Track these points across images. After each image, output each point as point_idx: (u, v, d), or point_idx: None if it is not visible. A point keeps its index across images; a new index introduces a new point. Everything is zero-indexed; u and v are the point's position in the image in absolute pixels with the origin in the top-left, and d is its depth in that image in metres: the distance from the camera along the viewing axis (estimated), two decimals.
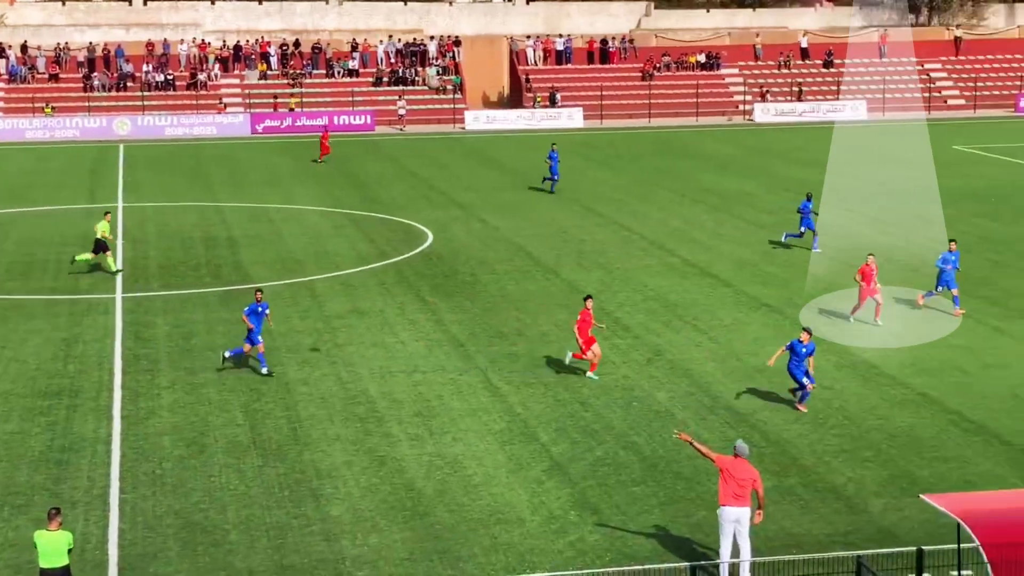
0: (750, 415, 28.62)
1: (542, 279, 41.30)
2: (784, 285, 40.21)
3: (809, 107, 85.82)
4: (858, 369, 31.75)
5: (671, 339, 34.53)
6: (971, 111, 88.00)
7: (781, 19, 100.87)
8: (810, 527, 22.91)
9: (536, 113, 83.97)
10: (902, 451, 26.40)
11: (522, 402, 29.69)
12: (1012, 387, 30.13)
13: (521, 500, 24.24)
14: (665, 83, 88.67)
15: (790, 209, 52.69)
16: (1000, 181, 59.19)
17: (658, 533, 22.73)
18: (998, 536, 16.92)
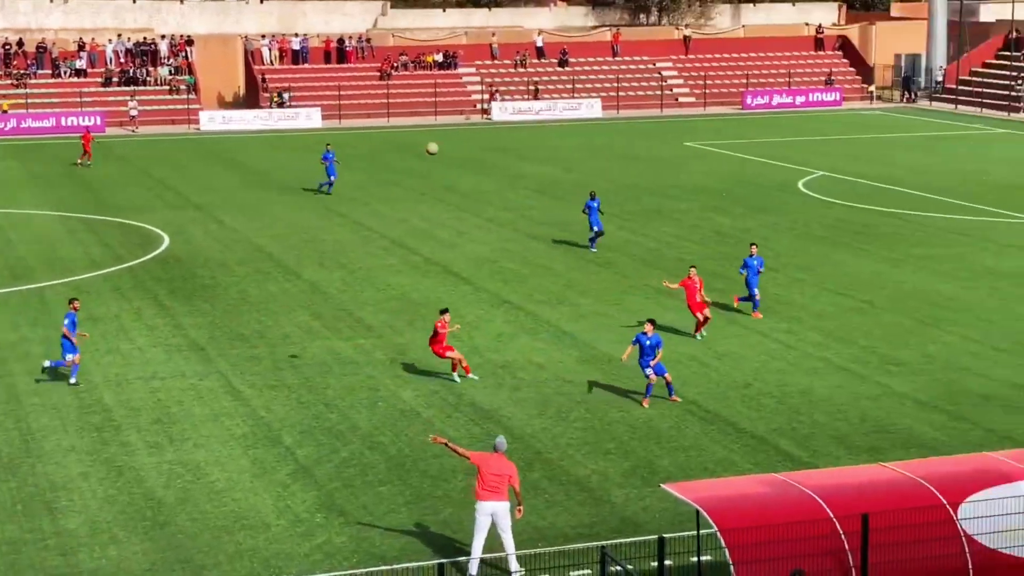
0: (494, 411, 28.81)
1: (283, 280, 40.85)
2: (524, 281, 40.63)
3: (546, 105, 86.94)
4: (599, 362, 32.26)
5: (414, 338, 34.52)
6: (701, 108, 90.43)
7: (516, 19, 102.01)
8: (555, 520, 23.16)
9: (273, 113, 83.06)
10: (643, 442, 26.92)
11: (265, 405, 29.30)
12: (745, 376, 31.04)
13: (266, 504, 23.90)
14: (403, 82, 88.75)
15: (529, 206, 53.32)
16: (730, 176, 60.96)
17: (406, 532, 22.68)
18: (734, 521, 17.39)
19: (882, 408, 28.77)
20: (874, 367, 31.68)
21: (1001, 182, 58.40)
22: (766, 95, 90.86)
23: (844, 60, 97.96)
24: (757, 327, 35.12)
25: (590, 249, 44.62)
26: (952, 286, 39.31)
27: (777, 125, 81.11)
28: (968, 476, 18.54)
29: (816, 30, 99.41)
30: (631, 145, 72.49)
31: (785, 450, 26.36)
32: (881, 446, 26.45)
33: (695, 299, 33.73)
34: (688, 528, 21.29)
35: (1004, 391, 29.79)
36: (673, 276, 40.36)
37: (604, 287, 39.70)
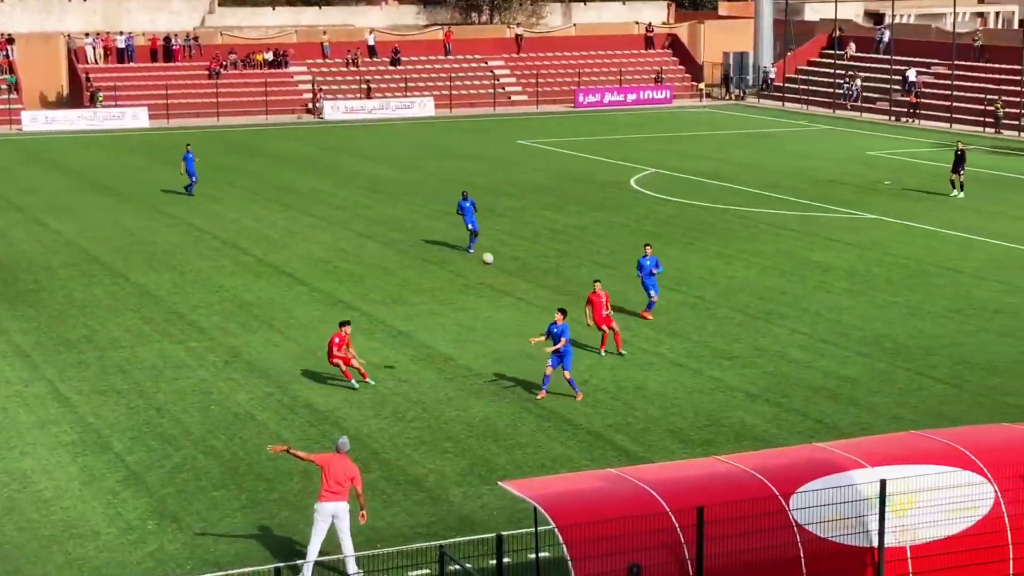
0: (331, 412, 28.59)
1: (111, 284, 40.05)
2: (359, 281, 40.41)
3: (378, 104, 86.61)
4: (434, 362, 32.21)
5: (248, 339, 34.12)
6: (534, 106, 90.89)
7: (347, 17, 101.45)
8: (392, 520, 23.05)
9: (99, 113, 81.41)
10: (480, 440, 26.94)
11: (94, 411, 28.69)
12: (580, 372, 31.20)
13: (96, 512, 23.39)
14: (233, 81, 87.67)
15: (363, 206, 53.06)
16: (563, 173, 61.34)
17: (241, 537, 22.38)
18: (571, 517, 17.46)
19: (715, 402, 29.18)
20: (707, 361, 32.13)
21: (825, 177, 59.67)
22: (598, 93, 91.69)
23: (674, 58, 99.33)
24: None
25: (468, 251, 44.08)
26: (780, 280, 40.05)
27: (609, 123, 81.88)
28: (798, 467, 18.87)
29: (646, 29, 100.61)
30: (464, 144, 72.58)
31: (621, 445, 26.59)
32: (714, 439, 26.83)
33: (601, 314, 32.71)
34: (526, 525, 21.36)
35: (830, 383, 30.42)
36: (510, 276, 40.58)
37: (439, 286, 39.66)
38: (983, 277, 40.34)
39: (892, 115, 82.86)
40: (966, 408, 28.63)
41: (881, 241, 45.63)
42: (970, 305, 37.10)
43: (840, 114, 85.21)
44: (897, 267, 41.77)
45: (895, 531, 18.23)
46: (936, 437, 20.00)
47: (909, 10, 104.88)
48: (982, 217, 49.96)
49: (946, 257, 43.13)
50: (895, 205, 52.61)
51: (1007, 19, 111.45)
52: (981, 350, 32.83)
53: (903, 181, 58.69)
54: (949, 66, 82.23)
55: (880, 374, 31.05)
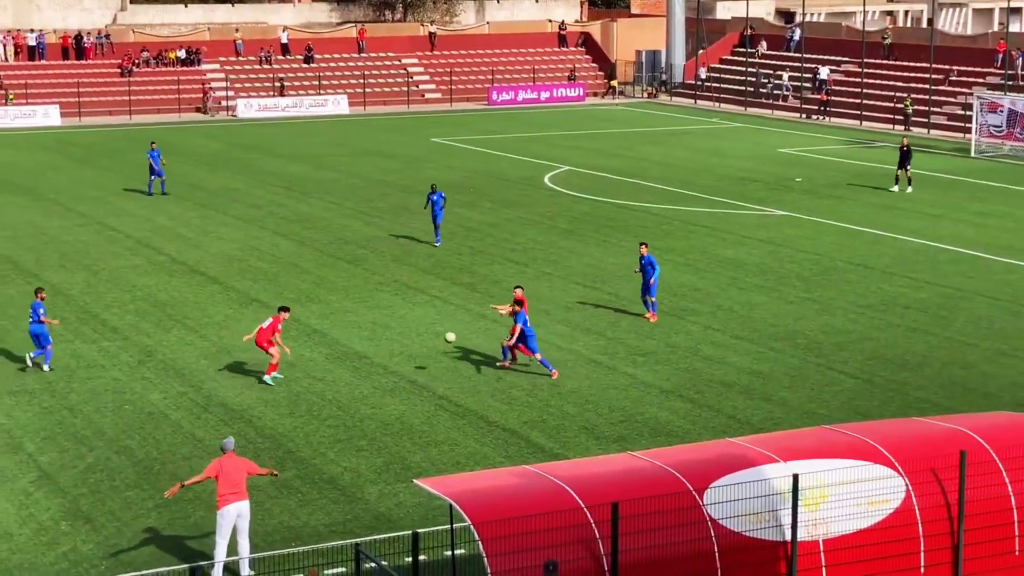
0: (245, 411, 28.46)
1: (22, 283, 39.55)
2: (274, 279, 40.23)
3: (292, 102, 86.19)
4: (349, 360, 32.15)
5: (162, 339, 33.87)
6: (448, 104, 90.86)
7: (260, 14, 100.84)
8: (308, 519, 23.00)
9: (9, 111, 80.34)
10: (395, 438, 26.93)
11: (6, 411, 28.35)
12: (494, 369, 31.25)
13: (8, 513, 23.14)
14: (145, 79, 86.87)
15: (278, 203, 52.81)
16: (476, 171, 61.40)
17: (155, 537, 22.23)
18: (487, 514, 17.51)
19: (629, 398, 29.36)
20: (621, 358, 32.31)
21: (737, 174, 60.18)
22: (511, 91, 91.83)
23: (587, 56, 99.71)
24: (507, 321, 35.43)
25: (435, 243, 44.66)
26: (694, 277, 40.35)
27: (522, 120, 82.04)
28: (712, 462, 19.04)
29: (559, 27, 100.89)
30: (378, 141, 72.42)
31: (536, 442, 26.69)
32: (629, 435, 27.00)
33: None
34: (442, 522, 21.40)
35: (743, 378, 30.72)
36: (424, 273, 40.63)
37: (354, 284, 39.57)
38: (893, 273, 40.88)
39: (803, 112, 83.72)
40: (877, 403, 29.02)
41: (793, 237, 46.11)
42: (880, 301, 37.60)
43: (752, 111, 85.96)
44: (808, 263, 42.23)
45: (808, 525, 18.44)
46: (848, 431, 20.25)
47: (819, 8, 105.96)
48: (892, 214, 50.62)
49: (856, 253, 43.66)
50: (806, 202, 53.17)
51: (916, 17, 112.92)
52: (892, 345, 33.29)
53: (814, 178, 59.33)
54: (859, 64, 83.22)
55: (792, 369, 31.39)
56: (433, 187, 45.31)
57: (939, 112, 77.42)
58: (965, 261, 42.60)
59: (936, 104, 77.69)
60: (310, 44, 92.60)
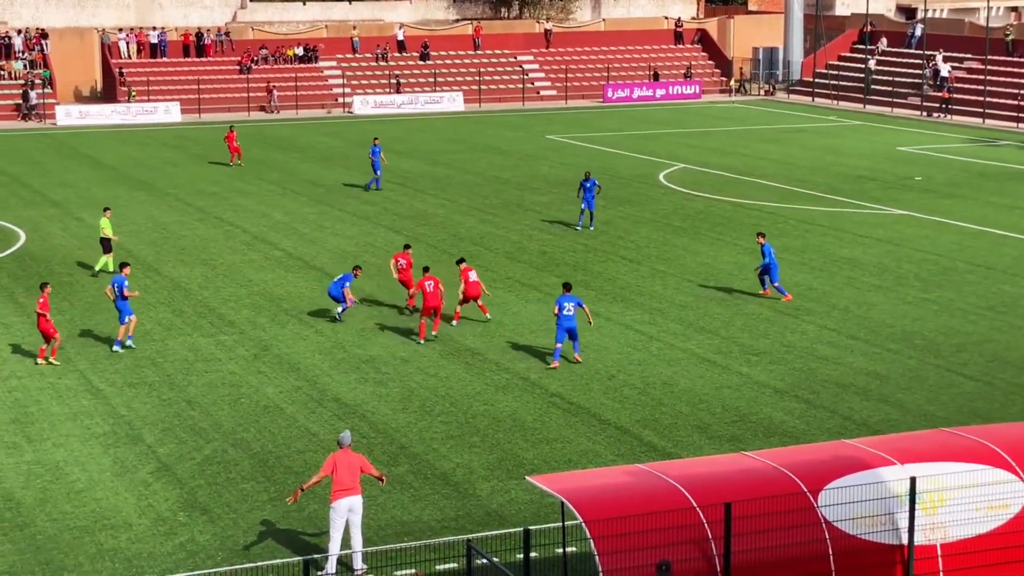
0: (359, 406, 28.68)
1: (143, 277, 40.21)
2: (388, 275, 40.44)
3: (407, 99, 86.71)
4: (462, 356, 32.27)
5: (277, 333, 34.25)
6: (563, 102, 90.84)
7: (377, 12, 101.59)
8: (420, 514, 23.13)
9: (131, 108, 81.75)
10: (507, 435, 26.98)
11: (126, 403, 28.85)
12: (608, 368, 31.24)
13: (128, 504, 23.54)
14: (263, 76, 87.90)
15: (393, 199, 53.17)
16: (591, 169, 61.26)
17: (270, 529, 22.49)
18: (599, 512, 17.48)
19: (743, 398, 29.16)
20: (735, 357, 32.09)
21: (855, 173, 59.48)
22: (627, 88, 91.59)
23: (703, 53, 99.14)
24: (619, 319, 35.39)
25: (577, 227, 46.94)
26: (809, 276, 39.96)
27: (638, 118, 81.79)
28: (826, 463, 18.84)
29: (675, 24, 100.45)
30: (493, 138, 72.61)
31: (648, 441, 26.60)
32: (742, 435, 26.81)
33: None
34: (553, 520, 21.41)
35: (859, 379, 30.36)
36: (537, 270, 40.73)
37: None
38: (1015, 274, 40.16)
39: (924, 110, 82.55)
40: (998, 405, 28.53)
41: (911, 237, 45.49)
42: (1001, 302, 36.95)
43: (871, 109, 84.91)
44: (927, 263, 41.64)
45: (925, 529, 18.19)
46: (967, 435, 19.94)
47: (942, 4, 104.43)
48: (1014, 214, 49.73)
49: (977, 254, 42.96)
50: (926, 201, 52.42)
51: None
52: (1013, 347, 32.70)
53: (934, 177, 58.47)
54: (982, 61, 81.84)
55: (910, 371, 30.96)
56: (587, 174, 47.05)
57: None
58: None
59: None
60: (426, 41, 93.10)
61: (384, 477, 21.62)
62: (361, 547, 20.87)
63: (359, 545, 20.84)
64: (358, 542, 20.84)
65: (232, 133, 62.97)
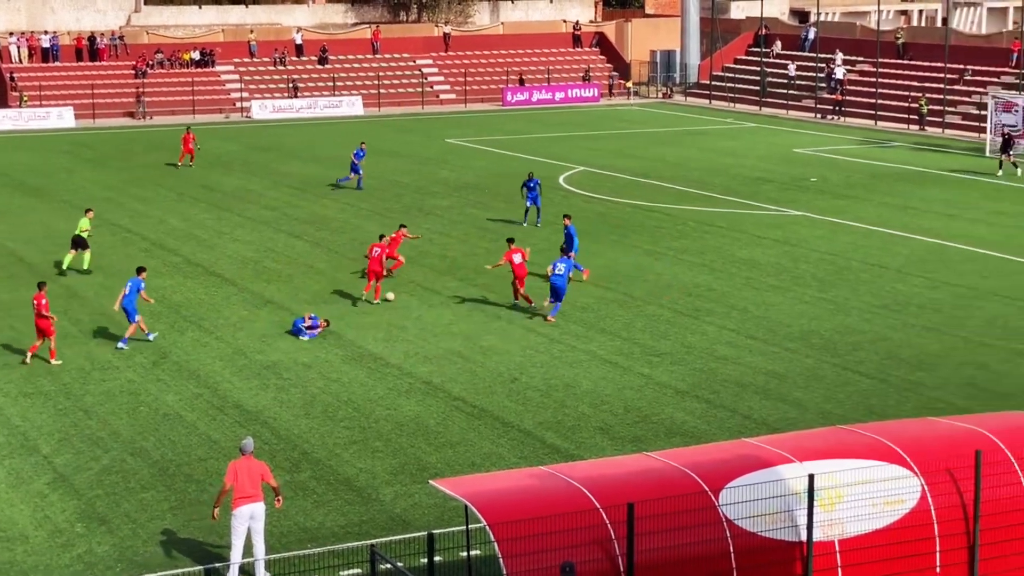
0: (260, 412, 28.49)
1: (33, 285, 39.54)
2: (288, 281, 40.27)
3: (306, 103, 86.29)
4: (364, 361, 32.17)
5: (176, 340, 33.92)
6: (462, 105, 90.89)
7: (274, 16, 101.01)
8: (323, 520, 23.02)
9: (24, 113, 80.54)
10: (410, 439, 26.94)
11: (21, 413, 28.41)
12: (510, 370, 31.30)
13: (23, 516, 23.18)
14: (159, 80, 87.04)
15: (293, 204, 52.87)
16: (491, 172, 61.41)
17: (171, 539, 22.26)
18: (503, 515, 17.50)
19: (644, 398, 29.34)
20: (636, 358, 32.29)
21: (752, 175, 60.09)
22: (526, 91, 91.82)
23: (601, 56, 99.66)
24: (521, 322, 35.46)
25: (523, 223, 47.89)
26: (709, 277, 40.30)
27: (537, 121, 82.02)
28: (727, 463, 19.01)
29: (573, 27, 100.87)
30: (392, 142, 72.44)
31: (551, 443, 26.68)
32: (644, 436, 26.98)
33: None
34: (457, 524, 21.40)
35: (759, 379, 30.67)
36: (439, 274, 40.71)
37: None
38: (907, 273, 40.80)
39: (818, 112, 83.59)
40: (892, 402, 28.96)
41: (807, 237, 46.05)
42: (895, 300, 37.52)
43: (766, 112, 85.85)
44: (823, 263, 42.17)
45: (823, 525, 18.41)
46: (863, 431, 20.21)
47: (834, 8, 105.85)
48: (906, 214, 50.51)
49: (871, 253, 43.58)
50: (821, 202, 53.09)
51: (930, 17, 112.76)
52: (906, 345, 33.22)
53: (829, 178, 59.23)
54: (874, 63, 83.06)
55: (807, 369, 31.34)
56: (530, 174, 48.52)
57: (954, 112, 77.24)
58: (980, 260, 42.50)
59: (951, 104, 77.51)
60: (324, 45, 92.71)
61: (280, 499, 21.25)
62: (263, 555, 20.72)
63: (262, 553, 20.69)
64: (260, 550, 20.69)
65: (189, 135, 63.19)
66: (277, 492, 21.05)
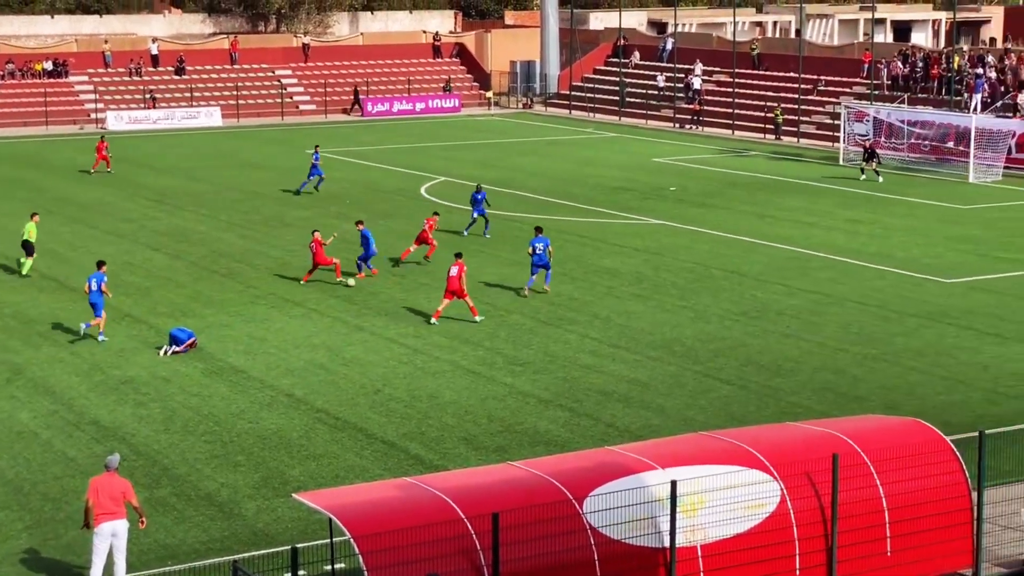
0: (118, 428, 28.01)
1: None
2: (147, 294, 39.69)
3: (163, 114, 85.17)
4: (225, 374, 31.81)
5: (31, 356, 33.23)
6: (322, 116, 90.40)
7: (129, 26, 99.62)
8: (184, 536, 22.69)
9: None
10: (273, 452, 26.68)
11: None
12: (374, 382, 31.17)
13: None
14: (10, 91, 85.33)
15: (151, 216, 52.13)
16: (352, 182, 61.14)
17: (28, 559, 21.78)
18: (367, 527, 17.42)
19: (508, 408, 29.39)
20: (499, 368, 32.34)
21: (612, 184, 60.57)
22: (386, 102, 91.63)
23: (462, 67, 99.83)
24: (384, 333, 35.34)
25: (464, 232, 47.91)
26: (571, 287, 40.51)
27: (398, 132, 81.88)
28: (591, 471, 19.11)
29: (433, 38, 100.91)
30: (252, 153, 71.82)
31: (415, 453, 26.61)
32: (508, 445, 27.02)
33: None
34: (321, 537, 21.23)
35: (621, 386, 30.89)
36: (298, 284, 40.41)
37: (229, 298, 39.16)
38: (766, 280, 41.40)
39: (676, 122, 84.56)
40: (752, 408, 29.35)
41: (668, 246, 46.52)
42: (753, 307, 38.05)
43: (626, 121, 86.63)
44: (684, 271, 42.63)
45: (686, 531, 18.59)
46: (724, 437, 20.46)
47: (691, 19, 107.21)
48: (763, 222, 51.28)
49: (730, 261, 44.16)
50: (680, 210, 53.68)
51: (784, 28, 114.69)
52: (765, 351, 33.70)
53: (688, 187, 59.93)
54: (730, 74, 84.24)
55: (670, 377, 31.64)
56: (478, 186, 48.95)
57: (808, 121, 78.65)
58: (835, 267, 43.28)
59: (805, 113, 78.90)
60: (181, 56, 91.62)
61: (144, 519, 20.92)
62: (124, 572, 20.38)
63: (123, 571, 20.34)
64: (121, 568, 20.35)
65: (103, 143, 63.93)
66: (140, 512, 20.68)
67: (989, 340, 34.61)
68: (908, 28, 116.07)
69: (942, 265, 43.44)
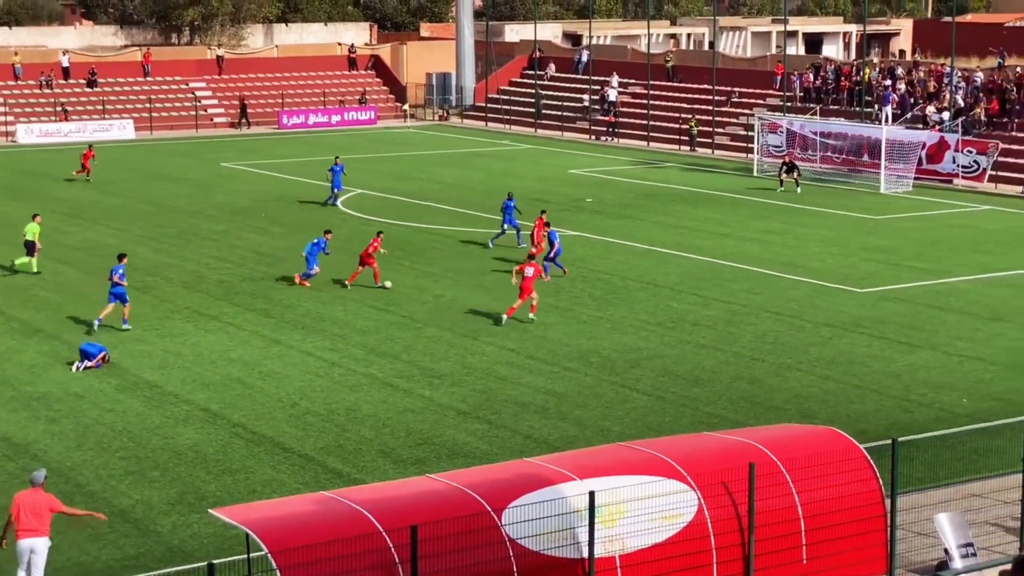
0: (29, 445, 27.65)
1: None
2: (58, 309, 39.23)
3: (75, 127, 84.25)
4: (140, 389, 31.50)
5: None
6: (237, 129, 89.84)
7: (39, 38, 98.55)
8: (99, 554, 22.44)
9: None
10: (189, 468, 26.46)
11: None
12: (290, 395, 31.00)
13: None
14: None
15: (62, 230, 51.52)
16: (267, 195, 60.83)
17: None
18: (284, 542, 17.32)
19: (426, 420, 29.34)
20: (417, 380, 32.28)
21: (529, 195, 60.63)
22: (302, 114, 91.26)
23: (377, 79, 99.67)
24: (300, 346, 35.17)
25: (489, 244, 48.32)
26: (487, 298, 40.53)
27: (314, 144, 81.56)
28: (509, 482, 19.13)
29: (349, 50, 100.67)
30: (166, 166, 71.24)
31: (333, 467, 26.49)
32: (426, 458, 26.97)
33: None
34: (238, 552, 21.08)
35: (539, 398, 30.94)
36: (216, 300, 40.12)
37: (143, 312, 38.77)
38: (680, 290, 41.66)
39: (592, 134, 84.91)
40: (669, 418, 29.50)
41: (584, 257, 46.68)
42: (669, 318, 38.26)
43: (542, 133, 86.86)
44: (600, 282, 42.79)
45: (604, 541, 18.64)
46: (641, 448, 20.54)
47: (605, 31, 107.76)
48: (678, 233, 51.60)
49: (646, 272, 44.39)
50: (597, 222, 53.89)
51: (698, 40, 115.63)
52: (681, 361, 33.89)
53: (604, 198, 60.18)
54: (645, 86, 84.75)
55: (586, 388, 31.73)
56: (509, 195, 49.37)
57: (722, 133, 79.27)
58: (750, 278, 43.63)
59: (719, 125, 79.53)
60: (93, 68, 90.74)
61: (99, 514, 21.01)
62: None
63: None
64: None
65: (89, 152, 65.60)
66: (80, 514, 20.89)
67: (901, 349, 35.05)
68: (820, 40, 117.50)
69: (855, 275, 43.94)
